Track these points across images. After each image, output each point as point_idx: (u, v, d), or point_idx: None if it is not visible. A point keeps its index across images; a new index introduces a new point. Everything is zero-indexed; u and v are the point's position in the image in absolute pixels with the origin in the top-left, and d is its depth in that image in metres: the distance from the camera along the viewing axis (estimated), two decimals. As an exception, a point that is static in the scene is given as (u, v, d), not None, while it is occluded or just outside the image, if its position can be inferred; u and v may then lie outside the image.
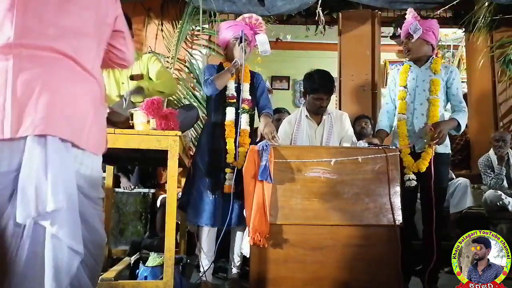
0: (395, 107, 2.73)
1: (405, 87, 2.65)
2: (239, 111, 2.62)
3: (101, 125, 1.39)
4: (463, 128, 2.57)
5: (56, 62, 1.25)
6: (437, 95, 2.55)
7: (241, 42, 2.59)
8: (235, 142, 2.58)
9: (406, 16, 2.71)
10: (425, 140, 2.53)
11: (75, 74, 1.28)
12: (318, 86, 2.76)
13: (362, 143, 2.47)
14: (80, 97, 1.28)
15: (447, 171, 2.73)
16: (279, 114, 3.72)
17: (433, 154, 2.50)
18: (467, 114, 2.59)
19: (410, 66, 2.69)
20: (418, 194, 2.65)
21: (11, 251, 1.16)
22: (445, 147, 2.59)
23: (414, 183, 2.52)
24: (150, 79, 2.79)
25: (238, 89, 2.67)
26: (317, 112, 2.85)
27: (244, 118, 2.62)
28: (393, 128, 2.77)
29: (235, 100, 2.64)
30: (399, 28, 3.70)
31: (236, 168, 2.53)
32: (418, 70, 2.65)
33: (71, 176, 1.23)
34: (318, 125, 2.86)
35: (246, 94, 2.67)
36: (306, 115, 2.87)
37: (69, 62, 1.27)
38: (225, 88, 2.64)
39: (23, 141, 1.17)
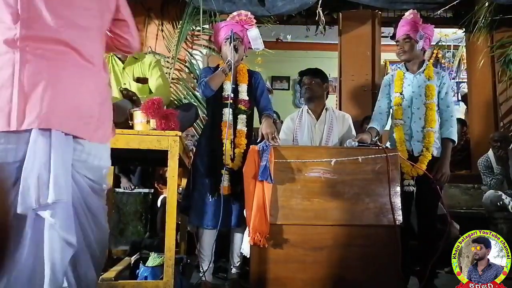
0: (389, 112, 2.80)
1: (401, 93, 2.73)
2: (236, 111, 2.62)
3: (108, 113, 1.41)
4: (457, 141, 2.69)
5: (61, 55, 1.27)
6: (433, 100, 2.64)
7: (232, 41, 2.58)
8: (232, 143, 2.58)
9: (405, 15, 2.75)
10: (423, 144, 2.59)
11: (79, 67, 1.30)
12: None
13: (353, 143, 2.46)
14: (85, 90, 1.30)
15: None
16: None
17: (430, 158, 2.56)
18: (455, 120, 2.69)
19: (404, 73, 2.76)
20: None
21: (13, 241, 1.17)
22: (438, 150, 2.64)
23: (412, 188, 2.57)
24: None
25: (235, 90, 2.66)
26: (309, 99, 2.94)
27: (241, 119, 2.63)
28: (383, 130, 2.82)
29: (231, 101, 2.62)
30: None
31: (233, 169, 2.53)
32: (413, 77, 2.73)
33: (70, 170, 1.25)
34: (317, 120, 2.92)
35: (243, 95, 2.66)
36: (307, 110, 2.95)
37: (73, 54, 1.29)
38: (222, 89, 2.63)
39: (28, 133, 1.19)
